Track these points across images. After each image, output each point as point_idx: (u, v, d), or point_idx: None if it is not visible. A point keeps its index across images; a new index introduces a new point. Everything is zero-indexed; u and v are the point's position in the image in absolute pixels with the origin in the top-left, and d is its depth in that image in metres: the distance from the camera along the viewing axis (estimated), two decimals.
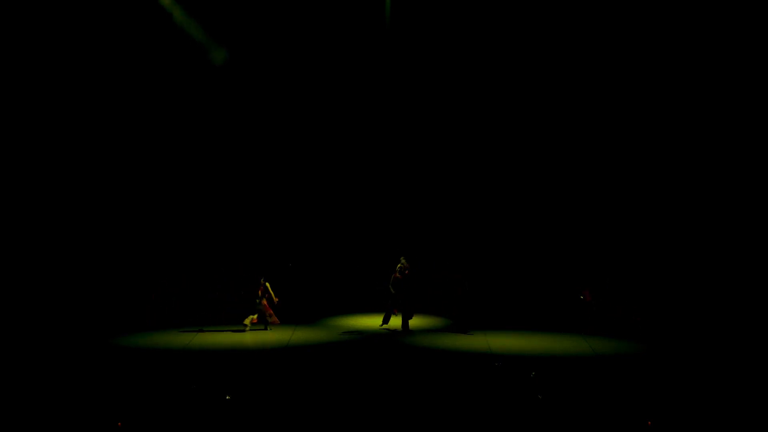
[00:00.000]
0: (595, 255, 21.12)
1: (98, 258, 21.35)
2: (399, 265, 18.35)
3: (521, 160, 22.12)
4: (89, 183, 21.50)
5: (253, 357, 15.35)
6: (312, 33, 21.53)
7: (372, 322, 19.23)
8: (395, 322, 18.67)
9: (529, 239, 21.98)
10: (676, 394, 12.45)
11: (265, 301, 18.22)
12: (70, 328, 18.25)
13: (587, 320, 18.71)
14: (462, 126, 22.26)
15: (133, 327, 18.54)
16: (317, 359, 15.24)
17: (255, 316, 18.15)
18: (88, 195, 21.48)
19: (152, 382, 12.92)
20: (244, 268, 20.13)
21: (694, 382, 13.26)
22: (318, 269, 22.23)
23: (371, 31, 21.57)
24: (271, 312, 18.40)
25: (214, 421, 10.96)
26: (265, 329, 18.19)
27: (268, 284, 18.33)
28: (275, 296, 18.37)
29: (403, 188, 22.54)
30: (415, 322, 19.08)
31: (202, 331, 18.06)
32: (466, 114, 22.20)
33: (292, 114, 22.32)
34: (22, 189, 20.82)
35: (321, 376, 13.63)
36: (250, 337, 17.43)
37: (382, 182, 22.57)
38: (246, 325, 17.99)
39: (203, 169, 22.12)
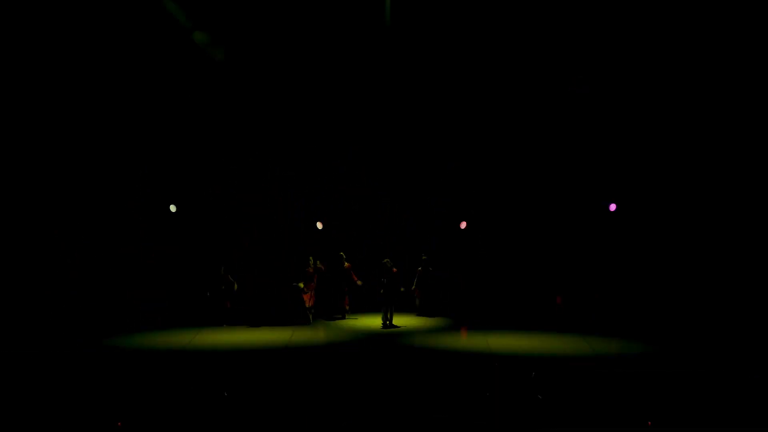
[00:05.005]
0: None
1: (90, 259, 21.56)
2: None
3: (517, 162, 22.14)
4: (82, 183, 21.58)
5: (253, 358, 15.29)
6: (311, 33, 21.53)
7: (371, 322, 19.29)
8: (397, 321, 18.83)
9: (521, 240, 22.06)
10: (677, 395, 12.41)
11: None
12: (63, 329, 18.26)
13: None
14: (460, 126, 22.27)
15: (127, 327, 18.54)
16: (317, 360, 15.21)
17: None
18: (82, 194, 21.59)
19: (153, 384, 12.84)
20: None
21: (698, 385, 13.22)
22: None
23: (371, 31, 21.57)
24: None
25: (215, 423, 10.93)
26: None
27: None
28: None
29: (403, 189, 22.56)
30: (415, 322, 19.21)
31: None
32: (465, 114, 22.20)
33: (291, 114, 22.34)
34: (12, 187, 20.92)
35: (321, 378, 13.58)
36: (249, 337, 17.41)
37: (381, 182, 22.60)
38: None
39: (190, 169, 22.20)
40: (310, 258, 19.45)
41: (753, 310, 19.71)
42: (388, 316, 18.82)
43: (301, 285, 19.10)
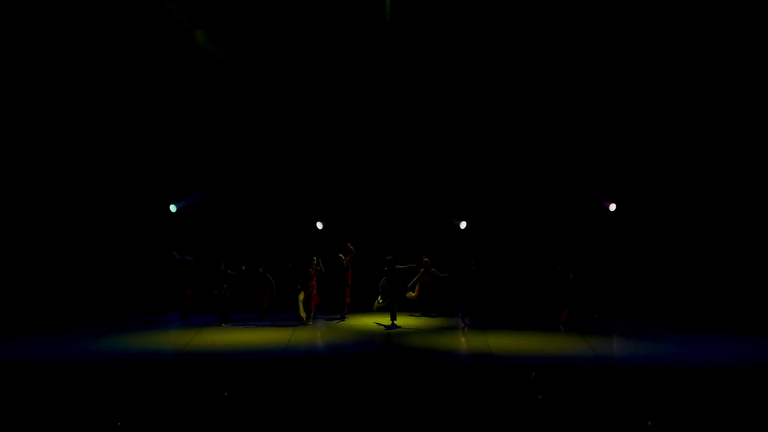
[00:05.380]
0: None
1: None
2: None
3: (517, 161, 22.12)
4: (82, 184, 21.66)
5: (253, 359, 15.23)
6: (312, 33, 21.52)
7: (371, 321, 19.29)
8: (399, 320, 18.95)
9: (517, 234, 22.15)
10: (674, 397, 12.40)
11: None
12: (62, 329, 18.24)
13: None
14: (460, 126, 22.25)
15: (126, 327, 18.53)
16: (316, 361, 15.21)
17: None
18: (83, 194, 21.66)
19: (152, 387, 12.75)
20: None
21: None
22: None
23: (371, 31, 21.57)
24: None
25: (214, 425, 10.92)
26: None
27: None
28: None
29: (403, 189, 22.54)
30: (416, 322, 19.23)
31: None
32: (465, 114, 22.18)
33: (291, 114, 22.31)
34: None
35: (320, 379, 13.56)
36: (248, 338, 17.38)
37: (381, 182, 22.59)
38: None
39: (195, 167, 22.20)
40: (314, 258, 19.35)
41: (754, 307, 19.77)
42: (392, 315, 18.85)
43: (301, 296, 19.00)
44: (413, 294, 20.00)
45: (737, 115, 21.03)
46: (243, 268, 19.48)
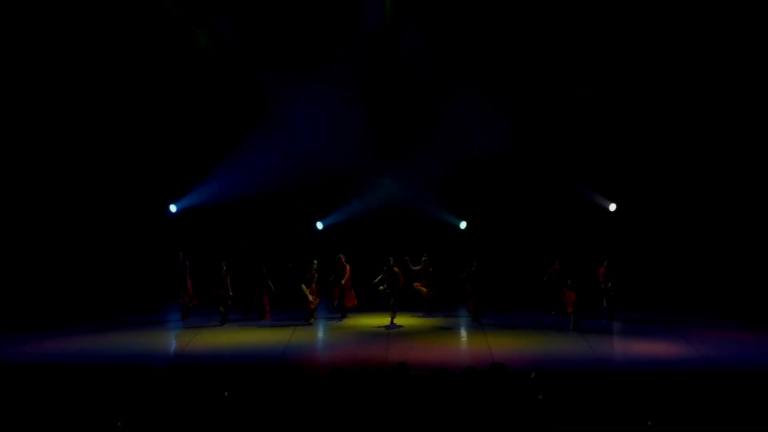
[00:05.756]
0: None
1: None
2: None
3: (516, 161, 22.13)
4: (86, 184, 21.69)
5: (252, 359, 15.21)
6: (311, 32, 21.53)
7: (370, 322, 19.29)
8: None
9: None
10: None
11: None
12: (61, 329, 18.24)
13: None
14: (460, 126, 22.25)
15: (126, 327, 18.50)
16: (315, 360, 15.20)
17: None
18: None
19: (150, 389, 12.68)
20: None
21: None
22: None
23: (371, 31, 21.59)
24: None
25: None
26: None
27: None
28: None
29: (403, 188, 22.55)
30: (417, 321, 19.28)
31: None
32: (465, 114, 22.19)
33: (290, 113, 22.31)
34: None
35: (319, 378, 13.53)
36: (248, 338, 17.37)
37: (381, 182, 22.59)
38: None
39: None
40: (315, 262, 19.28)
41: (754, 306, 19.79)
42: (391, 315, 18.84)
43: (305, 288, 18.91)
44: (418, 284, 19.94)
45: (736, 114, 21.06)
46: (232, 294, 19.18)
